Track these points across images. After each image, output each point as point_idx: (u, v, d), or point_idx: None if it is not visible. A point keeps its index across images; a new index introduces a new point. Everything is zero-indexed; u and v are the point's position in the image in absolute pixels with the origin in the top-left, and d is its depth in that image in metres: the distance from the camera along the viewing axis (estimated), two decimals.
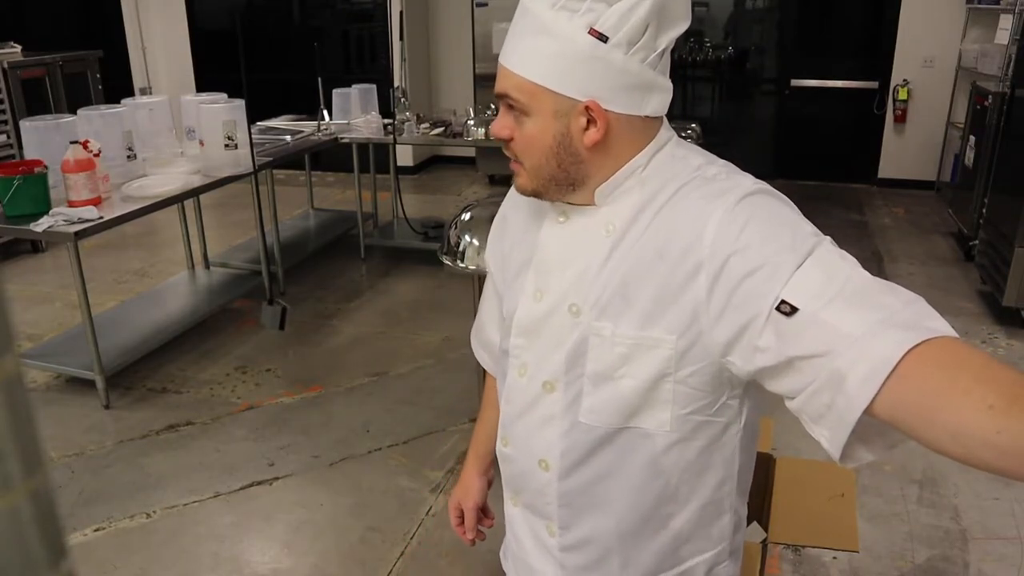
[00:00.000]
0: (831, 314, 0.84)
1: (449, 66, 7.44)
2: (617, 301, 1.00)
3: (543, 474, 1.11)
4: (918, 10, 6.33)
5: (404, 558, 2.55)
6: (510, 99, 0.99)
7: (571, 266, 1.05)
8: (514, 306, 1.12)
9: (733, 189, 0.96)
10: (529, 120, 0.98)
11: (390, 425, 3.27)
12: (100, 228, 3.27)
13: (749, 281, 0.89)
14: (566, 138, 0.98)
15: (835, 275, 0.87)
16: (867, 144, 6.78)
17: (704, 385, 0.99)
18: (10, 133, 5.07)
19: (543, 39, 0.95)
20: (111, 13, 7.43)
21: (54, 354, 3.64)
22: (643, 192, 1.02)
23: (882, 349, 0.80)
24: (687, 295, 0.95)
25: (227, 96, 4.25)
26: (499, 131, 1.02)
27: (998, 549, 2.56)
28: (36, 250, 5.42)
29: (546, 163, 1.00)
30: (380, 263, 5.23)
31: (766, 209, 0.95)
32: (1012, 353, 3.86)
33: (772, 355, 0.89)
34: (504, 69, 0.99)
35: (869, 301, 0.85)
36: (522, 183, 1.05)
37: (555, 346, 1.06)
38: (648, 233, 1.00)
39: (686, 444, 1.03)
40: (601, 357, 1.02)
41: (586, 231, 1.05)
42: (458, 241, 2.53)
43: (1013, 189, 4.14)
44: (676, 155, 1.04)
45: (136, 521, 2.72)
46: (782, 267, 0.88)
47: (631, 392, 1.02)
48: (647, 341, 0.99)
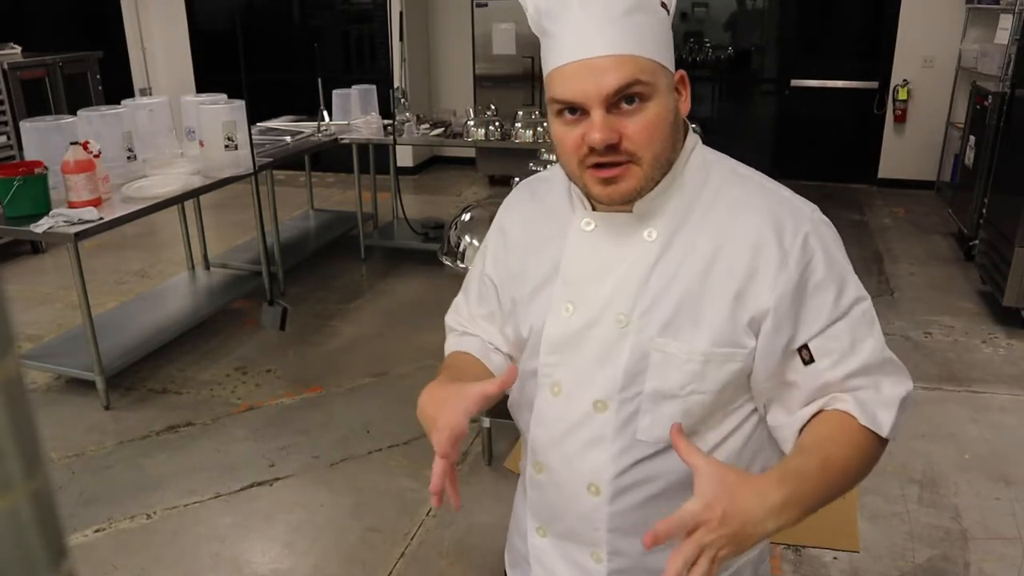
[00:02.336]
0: (832, 375, 0.98)
1: (449, 66, 7.44)
2: (682, 317, 0.97)
3: (591, 499, 1.03)
4: (918, 10, 6.33)
5: (404, 558, 2.55)
6: (636, 83, 0.91)
7: (608, 275, 1.00)
8: (539, 323, 1.05)
9: (799, 207, 1.00)
10: (652, 103, 0.93)
11: (390, 425, 3.27)
12: (100, 229, 3.27)
13: (798, 312, 0.97)
14: (676, 113, 0.97)
15: (857, 348, 0.98)
16: (867, 144, 6.78)
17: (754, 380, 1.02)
18: (10, 134, 5.07)
19: (638, 16, 0.92)
20: (111, 13, 7.44)
21: (54, 355, 3.64)
22: (682, 195, 1.00)
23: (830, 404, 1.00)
24: (758, 300, 0.96)
25: (227, 97, 4.25)
26: (610, 135, 0.92)
27: (998, 549, 2.55)
28: (36, 251, 5.42)
29: (666, 146, 0.96)
30: (380, 264, 5.23)
31: (829, 247, 0.98)
32: (1012, 353, 3.86)
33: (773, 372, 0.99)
34: (614, 58, 0.90)
35: (857, 380, 0.98)
36: (633, 185, 0.95)
37: (601, 361, 1.00)
38: (702, 239, 0.98)
39: (733, 436, 1.03)
40: (666, 375, 0.97)
41: (622, 238, 1.00)
42: (458, 242, 2.53)
43: (1013, 189, 4.14)
44: (707, 158, 1.03)
45: (136, 522, 2.72)
46: (821, 318, 0.97)
47: (698, 406, 0.99)
48: (719, 356, 0.97)
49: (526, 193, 1.17)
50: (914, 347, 3.88)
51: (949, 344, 3.93)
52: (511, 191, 1.22)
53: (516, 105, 5.69)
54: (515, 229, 1.14)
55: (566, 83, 0.93)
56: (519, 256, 1.11)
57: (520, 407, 1.13)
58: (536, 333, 1.06)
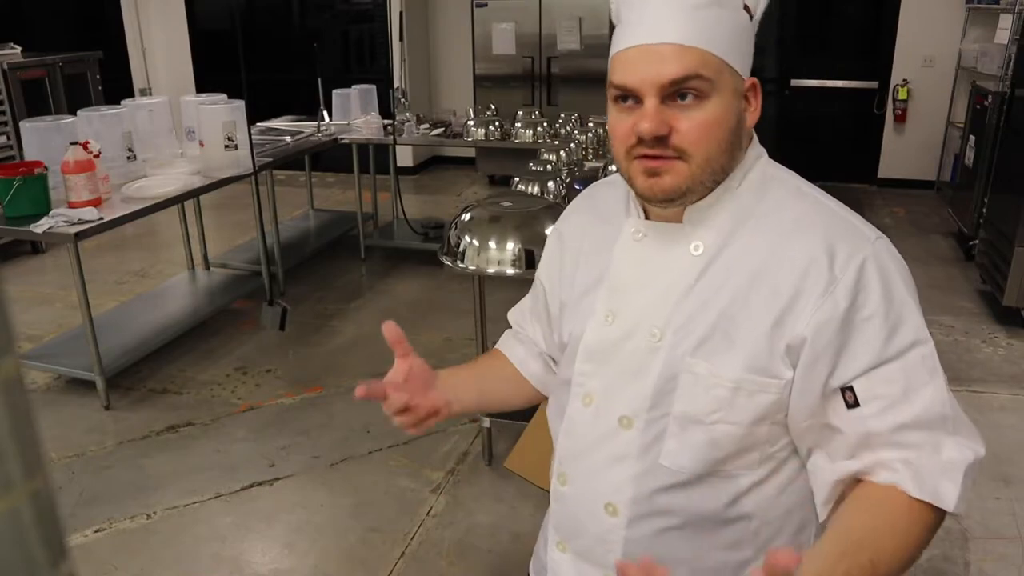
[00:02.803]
0: (878, 424, 0.88)
1: (449, 66, 7.44)
2: (717, 337, 0.91)
3: (608, 519, 0.99)
4: (918, 10, 6.33)
5: (404, 558, 2.55)
6: (697, 78, 0.87)
7: (650, 286, 0.96)
8: (580, 329, 1.02)
9: (861, 230, 0.92)
10: (711, 101, 0.88)
11: (390, 426, 3.23)
12: (100, 229, 3.27)
13: (841, 346, 0.88)
14: (739, 121, 0.91)
15: (911, 397, 0.88)
16: (867, 144, 6.78)
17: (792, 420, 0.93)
18: (10, 134, 5.07)
19: (715, 10, 0.87)
20: (111, 14, 7.44)
21: (54, 355, 3.64)
22: (736, 209, 0.94)
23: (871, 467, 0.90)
24: (796, 326, 0.89)
25: (227, 97, 4.25)
26: (660, 126, 0.88)
27: (999, 549, 2.55)
28: (36, 251, 5.42)
29: (719, 151, 0.90)
30: (380, 264, 5.23)
31: (890, 278, 0.90)
32: (1012, 353, 3.86)
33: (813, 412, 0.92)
34: (678, 47, 0.86)
35: (912, 435, 0.88)
36: (676, 183, 0.91)
37: (632, 376, 0.96)
38: (750, 257, 0.92)
39: (768, 482, 0.96)
40: (694, 398, 0.92)
41: (669, 249, 0.96)
42: (458, 241, 2.52)
43: (1013, 189, 4.14)
44: (770, 173, 0.98)
45: (136, 522, 2.72)
46: (867, 356, 0.88)
47: (725, 438, 0.92)
48: (752, 384, 0.90)
49: (587, 197, 1.15)
50: None
51: (949, 344, 3.93)
52: (578, 196, 1.19)
53: (516, 105, 5.69)
54: (571, 233, 1.12)
55: (625, 68, 0.90)
56: (572, 261, 1.09)
57: (554, 415, 1.10)
58: (575, 340, 1.03)
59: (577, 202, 1.16)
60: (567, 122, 4.70)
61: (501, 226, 2.49)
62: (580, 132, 4.39)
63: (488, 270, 2.49)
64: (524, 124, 4.75)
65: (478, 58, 6.82)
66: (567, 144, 3.87)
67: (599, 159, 4.11)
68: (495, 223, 2.51)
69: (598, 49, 6.54)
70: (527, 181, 3.14)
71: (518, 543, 2.54)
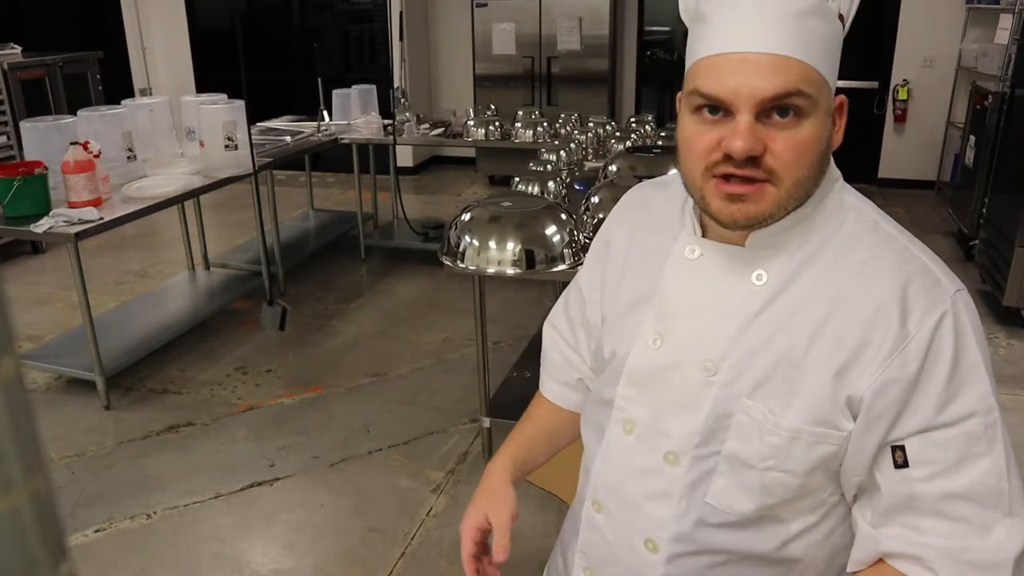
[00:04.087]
0: (925, 489, 0.82)
1: (449, 66, 7.44)
2: (777, 380, 0.84)
3: (647, 555, 0.93)
4: (918, 10, 6.33)
5: (404, 558, 2.55)
6: (797, 94, 0.79)
7: (704, 313, 0.89)
8: (625, 350, 0.95)
9: (941, 282, 0.85)
10: (809, 121, 0.81)
11: (390, 426, 3.27)
12: (100, 229, 3.27)
13: (904, 405, 0.82)
14: (828, 142, 0.84)
15: (965, 465, 0.81)
16: (867, 144, 6.78)
17: (844, 473, 0.88)
18: (10, 134, 5.07)
19: (814, 20, 0.80)
20: (111, 14, 7.44)
21: (54, 355, 3.64)
22: (806, 239, 0.87)
23: (903, 549, 0.84)
24: (861, 380, 0.82)
25: (227, 97, 4.25)
26: (755, 146, 0.79)
27: None
28: (36, 251, 5.42)
29: (810, 174, 0.82)
30: (380, 264, 5.23)
31: (965, 337, 0.82)
32: (1012, 353, 3.86)
33: (865, 467, 0.86)
34: (779, 59, 0.78)
35: (959, 507, 0.81)
36: (762, 209, 0.82)
37: (680, 409, 0.90)
38: (819, 296, 0.85)
39: (818, 527, 0.91)
40: (747, 441, 0.86)
41: (728, 274, 0.89)
42: (458, 241, 2.52)
43: (1013, 189, 4.14)
44: (846, 202, 0.90)
45: (137, 522, 2.72)
46: (925, 415, 0.81)
47: (778, 485, 0.86)
48: (811, 436, 0.84)
49: (637, 200, 1.06)
50: None
51: None
52: (625, 194, 1.10)
53: (516, 105, 5.70)
54: (619, 242, 1.03)
55: (717, 76, 0.80)
56: (616, 271, 1.01)
57: (590, 432, 1.04)
58: (619, 360, 0.96)
59: (627, 204, 1.07)
60: (567, 122, 4.70)
61: (501, 226, 2.49)
62: (580, 132, 4.39)
63: (488, 270, 2.49)
64: (524, 124, 4.75)
65: (478, 58, 6.82)
66: (567, 144, 3.87)
67: (599, 159, 4.12)
68: (495, 223, 2.51)
69: (598, 49, 6.55)
70: (527, 181, 3.14)
71: (518, 543, 2.54)
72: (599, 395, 1.01)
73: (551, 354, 1.21)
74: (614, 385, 0.96)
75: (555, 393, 1.20)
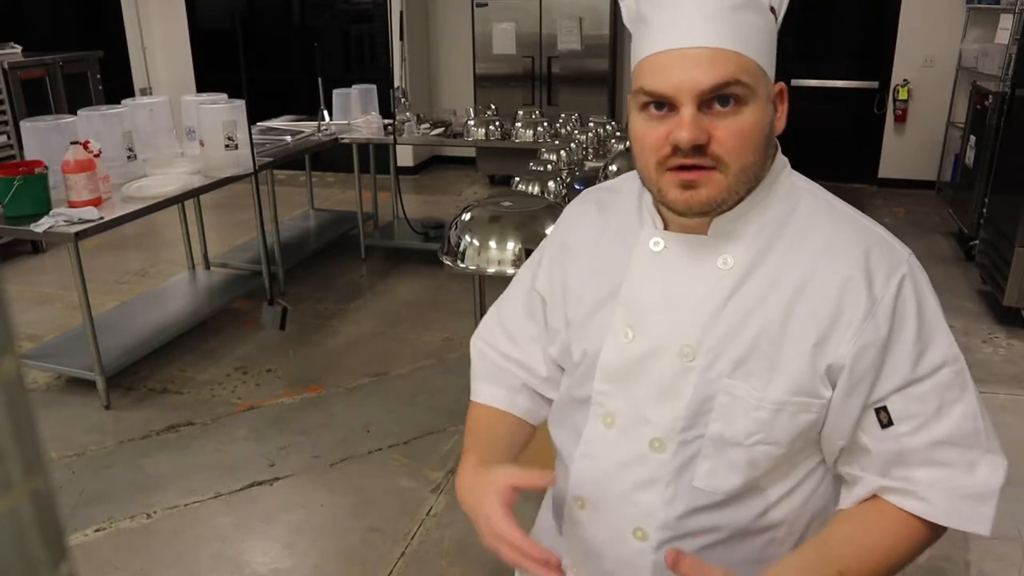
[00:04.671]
0: (913, 442, 0.89)
1: (449, 66, 7.44)
2: (756, 358, 0.89)
3: (636, 544, 0.96)
4: (918, 10, 6.33)
5: (404, 558, 2.55)
6: (735, 83, 0.83)
7: (677, 302, 0.92)
8: (596, 347, 0.97)
9: (896, 248, 0.91)
10: (749, 108, 0.85)
11: (390, 425, 3.27)
12: (100, 229, 3.27)
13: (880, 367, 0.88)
14: (770, 127, 0.89)
15: (944, 413, 0.88)
16: (867, 144, 6.78)
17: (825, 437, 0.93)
18: (10, 134, 5.07)
19: (748, 13, 0.84)
20: (111, 13, 7.43)
21: (54, 354, 3.64)
22: (764, 222, 0.92)
23: (901, 487, 0.90)
24: (839, 349, 0.87)
25: (227, 96, 4.25)
26: (699, 135, 0.84)
27: (998, 549, 2.55)
28: (36, 251, 5.42)
29: (755, 158, 0.87)
30: (380, 263, 5.23)
31: (924, 296, 0.90)
32: (1012, 353, 3.86)
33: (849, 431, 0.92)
34: (715, 52, 0.83)
35: (946, 452, 0.89)
36: (712, 194, 0.87)
37: (661, 396, 0.92)
38: (787, 274, 0.89)
39: (796, 491, 0.96)
40: (731, 421, 0.90)
41: (694, 262, 0.92)
42: (458, 241, 2.52)
43: (1013, 189, 4.14)
44: (797, 186, 0.96)
45: (137, 521, 2.73)
46: (901, 375, 0.88)
47: (764, 458, 0.91)
48: (794, 406, 0.89)
49: (591, 205, 1.07)
50: None
51: None
52: (573, 202, 1.12)
53: (516, 105, 5.70)
54: (578, 244, 1.05)
55: (659, 73, 0.85)
56: (580, 273, 1.03)
57: (564, 434, 1.05)
58: (591, 357, 0.98)
59: (579, 208, 1.09)
60: (567, 122, 4.70)
61: (501, 226, 2.49)
62: (580, 132, 4.39)
63: (488, 270, 2.49)
64: (524, 124, 4.75)
65: (478, 58, 6.82)
66: (567, 144, 3.87)
67: (599, 159, 4.11)
68: (495, 223, 2.51)
69: (598, 49, 6.55)
70: (527, 181, 3.14)
71: None
72: (571, 396, 1.02)
73: (488, 365, 1.17)
74: (589, 383, 0.98)
75: (500, 398, 1.14)
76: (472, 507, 0.98)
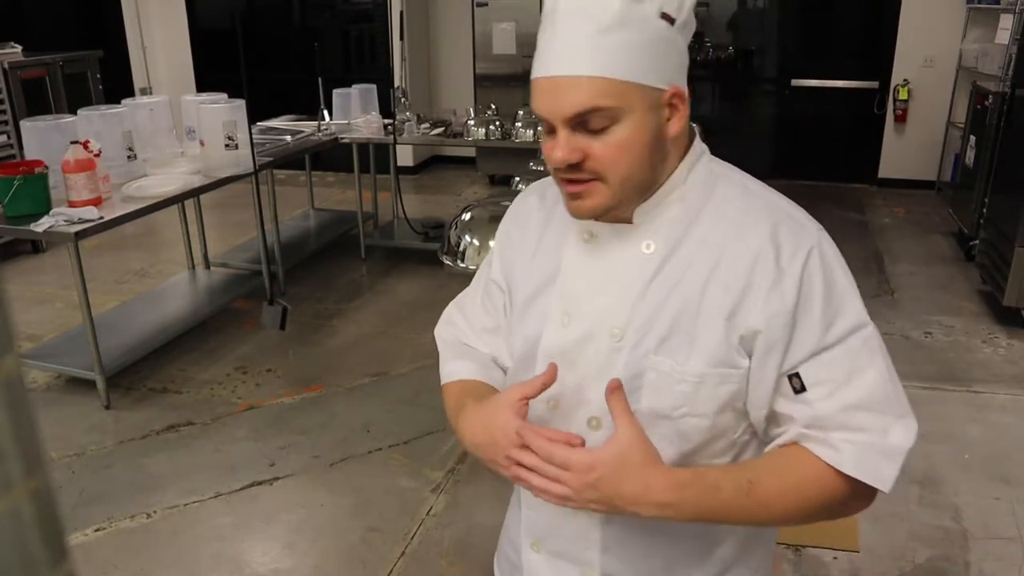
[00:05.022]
0: (826, 407, 0.93)
1: (449, 66, 7.44)
2: (678, 334, 0.94)
3: (584, 519, 1.02)
4: (918, 10, 6.33)
5: (405, 558, 2.55)
6: (595, 110, 0.88)
7: (606, 288, 0.98)
8: (536, 333, 1.03)
9: (804, 224, 0.96)
10: (621, 125, 0.89)
11: (390, 425, 3.27)
12: (100, 228, 3.27)
13: (790, 335, 0.93)
14: (658, 133, 0.92)
15: (854, 379, 0.93)
16: (867, 144, 6.78)
17: (750, 406, 0.98)
18: (10, 133, 5.07)
19: (619, 33, 0.87)
20: (111, 13, 7.43)
21: (54, 354, 3.64)
22: (684, 208, 0.97)
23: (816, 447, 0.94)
24: (748, 319, 0.92)
25: (227, 96, 4.25)
26: (570, 156, 0.90)
27: (999, 549, 2.55)
28: (36, 250, 5.42)
29: (638, 168, 0.92)
30: (380, 263, 5.23)
31: (831, 267, 0.94)
32: (1012, 353, 3.86)
33: (767, 400, 0.96)
34: (574, 80, 0.88)
35: (860, 417, 0.93)
36: (596, 203, 0.93)
37: (596, 377, 0.97)
38: (702, 254, 0.95)
39: None
40: (659, 395, 0.95)
41: (621, 250, 0.98)
42: (458, 241, 2.53)
43: (1013, 189, 4.14)
44: (715, 171, 1.00)
45: (136, 521, 2.73)
46: (811, 343, 0.92)
47: (693, 430, 0.96)
48: (714, 377, 0.94)
49: (535, 197, 1.14)
50: (914, 347, 3.87)
51: (949, 344, 3.93)
52: (519, 194, 1.19)
53: (516, 105, 5.68)
54: (521, 235, 1.11)
55: (536, 98, 0.92)
56: (522, 263, 1.09)
57: None
58: (531, 344, 1.03)
59: (524, 202, 1.16)
60: None
61: None
62: None
63: None
64: (524, 124, 4.75)
65: (478, 57, 6.82)
66: None
67: None
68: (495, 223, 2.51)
69: None
70: (527, 181, 3.14)
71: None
72: (518, 381, 1.05)
73: (452, 347, 1.19)
74: (531, 368, 1.03)
75: (472, 370, 1.14)
76: (485, 434, 0.96)
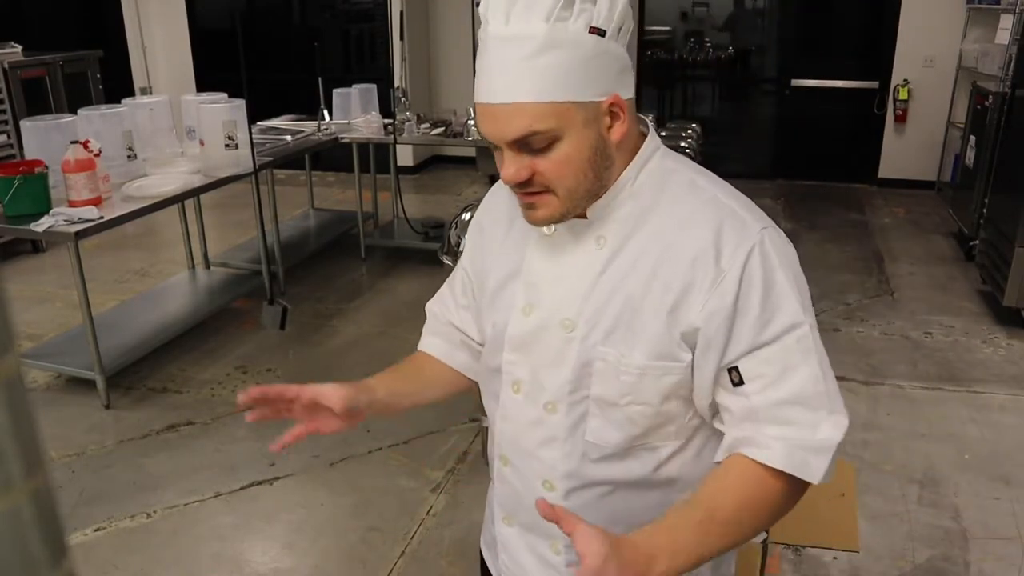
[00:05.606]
0: (760, 400, 0.97)
1: (449, 66, 7.44)
2: (623, 327, 0.99)
3: (547, 494, 1.08)
4: (918, 10, 6.33)
5: (404, 558, 2.55)
6: (534, 134, 0.92)
7: (562, 279, 1.04)
8: (504, 321, 1.09)
9: (748, 223, 0.98)
10: (562, 142, 0.93)
11: (390, 425, 3.27)
12: (100, 228, 3.27)
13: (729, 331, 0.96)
14: (600, 143, 0.96)
15: (787, 376, 0.96)
16: (867, 144, 6.78)
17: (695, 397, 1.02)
18: (10, 133, 5.07)
19: (549, 55, 0.90)
20: (111, 13, 7.43)
21: (54, 354, 3.64)
22: (635, 204, 1.01)
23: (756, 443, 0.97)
24: (689, 316, 0.97)
25: (227, 96, 4.25)
26: (518, 174, 0.95)
27: (998, 549, 2.56)
28: (36, 250, 5.42)
29: (584, 178, 0.96)
30: (380, 263, 5.23)
31: (772, 266, 0.97)
32: (1012, 353, 3.86)
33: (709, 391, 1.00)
34: (511, 107, 0.92)
35: (791, 411, 0.97)
36: (549, 213, 0.99)
37: (551, 364, 1.04)
38: (648, 250, 0.99)
39: (686, 449, 1.06)
40: (607, 383, 1.01)
41: (577, 244, 1.03)
42: (458, 241, 2.53)
43: (1013, 189, 4.14)
44: (666, 167, 1.03)
45: (136, 521, 2.73)
46: (749, 338, 0.96)
47: (639, 416, 1.02)
48: (656, 369, 0.99)
49: (505, 191, 1.15)
50: (914, 347, 3.87)
51: (949, 344, 3.93)
52: (493, 187, 1.23)
53: None
54: (490, 226, 1.17)
55: (480, 121, 0.96)
56: (492, 253, 1.14)
57: (488, 399, 1.18)
58: (499, 330, 1.10)
59: (495, 195, 1.20)
60: None
61: None
62: None
63: None
64: None
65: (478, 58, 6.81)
66: None
67: None
68: None
69: None
70: None
71: None
72: (488, 365, 1.15)
73: (433, 322, 1.33)
74: (499, 353, 1.10)
75: (438, 348, 1.30)
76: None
